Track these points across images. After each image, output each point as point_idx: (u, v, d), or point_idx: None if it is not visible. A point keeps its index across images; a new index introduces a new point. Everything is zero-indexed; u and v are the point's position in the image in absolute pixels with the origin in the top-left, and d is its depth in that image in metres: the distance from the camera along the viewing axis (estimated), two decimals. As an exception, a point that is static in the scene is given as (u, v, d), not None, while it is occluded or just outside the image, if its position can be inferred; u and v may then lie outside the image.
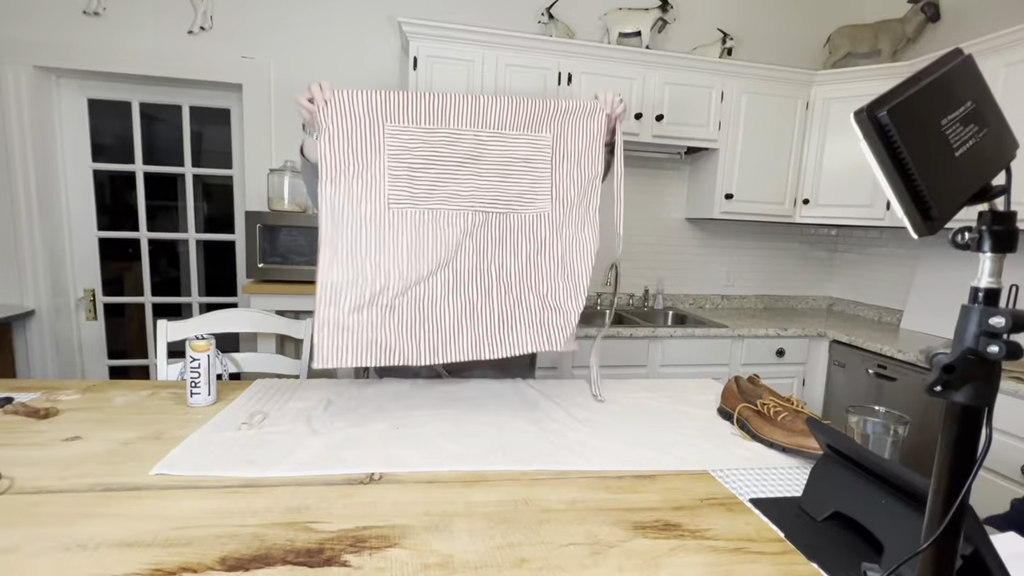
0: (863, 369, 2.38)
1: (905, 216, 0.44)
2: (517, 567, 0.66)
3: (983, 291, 0.43)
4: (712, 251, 3.11)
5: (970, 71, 0.47)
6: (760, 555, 0.71)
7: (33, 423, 1.03)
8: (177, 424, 1.05)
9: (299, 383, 1.33)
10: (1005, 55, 2.06)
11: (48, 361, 2.46)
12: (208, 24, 2.39)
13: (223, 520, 0.73)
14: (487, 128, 1.13)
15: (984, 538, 0.56)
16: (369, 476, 0.87)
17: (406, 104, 1.10)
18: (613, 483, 0.89)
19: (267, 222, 2.24)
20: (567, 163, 1.17)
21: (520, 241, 1.15)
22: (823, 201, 2.72)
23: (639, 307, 3.00)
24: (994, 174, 0.45)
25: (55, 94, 2.41)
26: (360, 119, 1.07)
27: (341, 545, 0.69)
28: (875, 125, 0.42)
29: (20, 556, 0.63)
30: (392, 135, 1.09)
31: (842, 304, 3.20)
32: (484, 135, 1.13)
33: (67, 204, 2.48)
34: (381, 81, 2.59)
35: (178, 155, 2.57)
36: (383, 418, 1.12)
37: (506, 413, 1.18)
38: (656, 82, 2.52)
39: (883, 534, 0.68)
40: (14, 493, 0.77)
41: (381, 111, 1.09)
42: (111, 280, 2.67)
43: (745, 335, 2.50)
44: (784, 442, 1.03)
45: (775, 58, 2.98)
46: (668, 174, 2.97)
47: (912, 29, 2.62)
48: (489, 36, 2.33)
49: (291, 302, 2.27)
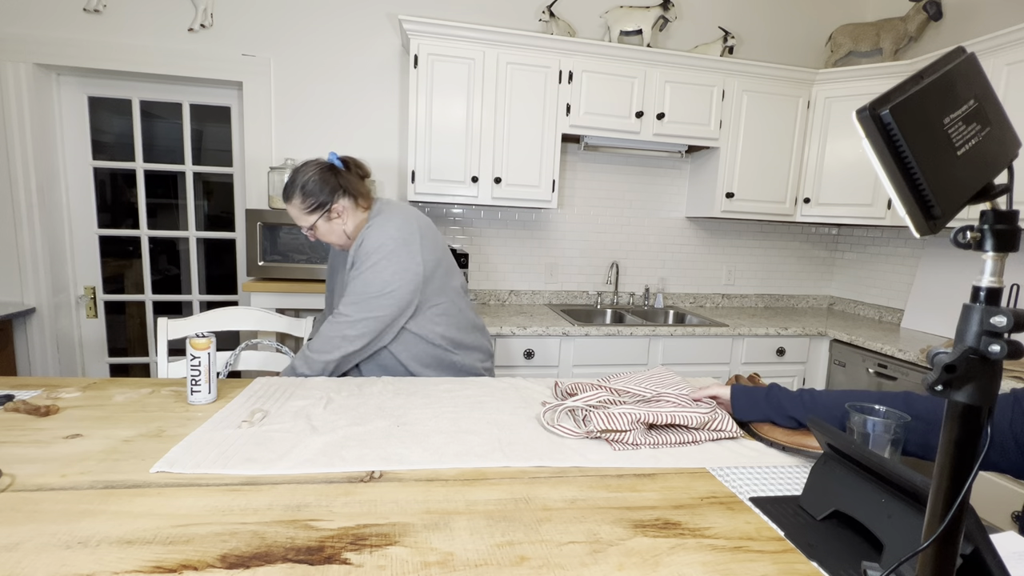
0: (863, 368, 2.38)
1: (907, 215, 0.44)
2: (517, 565, 0.66)
3: (985, 290, 0.43)
4: (713, 250, 3.11)
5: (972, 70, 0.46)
6: (760, 554, 0.71)
7: (34, 421, 1.03)
8: (178, 422, 1.05)
9: (299, 381, 1.33)
10: (1007, 54, 2.05)
11: (49, 359, 2.46)
12: (208, 22, 2.39)
13: (224, 518, 0.73)
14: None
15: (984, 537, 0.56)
16: (369, 474, 0.87)
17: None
18: (613, 481, 0.89)
19: (268, 220, 2.24)
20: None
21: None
22: (824, 200, 2.72)
23: (640, 306, 3.00)
24: (996, 173, 0.45)
25: (55, 92, 2.41)
26: None
27: (341, 543, 0.69)
28: (877, 124, 0.42)
29: (21, 553, 0.63)
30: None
31: (843, 303, 3.20)
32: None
33: (67, 202, 2.49)
34: (381, 79, 2.58)
35: (179, 153, 2.57)
36: (383, 416, 1.12)
37: (506, 411, 1.18)
38: (657, 80, 2.52)
39: (883, 533, 0.68)
40: (15, 490, 0.77)
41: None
42: (111, 278, 2.67)
43: (745, 334, 2.50)
44: (784, 441, 1.03)
45: (776, 57, 2.98)
46: (669, 173, 2.97)
47: (914, 27, 2.61)
48: (490, 34, 2.32)
49: (291, 300, 2.28)
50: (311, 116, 2.55)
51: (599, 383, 1.22)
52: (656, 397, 1.16)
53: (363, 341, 1.39)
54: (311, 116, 2.55)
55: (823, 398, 1.02)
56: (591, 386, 1.22)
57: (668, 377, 1.26)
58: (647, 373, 1.29)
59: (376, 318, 1.38)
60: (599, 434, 1.04)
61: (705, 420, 1.07)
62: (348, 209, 1.43)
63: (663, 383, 1.22)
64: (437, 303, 1.47)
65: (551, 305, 2.89)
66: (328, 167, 1.42)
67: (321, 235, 1.45)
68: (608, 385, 1.20)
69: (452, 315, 1.51)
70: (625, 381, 1.23)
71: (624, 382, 1.22)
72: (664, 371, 1.30)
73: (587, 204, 2.91)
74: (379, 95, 2.60)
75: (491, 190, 2.45)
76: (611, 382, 1.22)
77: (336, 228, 1.44)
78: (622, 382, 1.22)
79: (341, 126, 2.59)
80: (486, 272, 2.84)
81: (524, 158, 2.46)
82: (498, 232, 2.83)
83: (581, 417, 1.11)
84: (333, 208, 1.41)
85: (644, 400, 1.16)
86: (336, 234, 1.45)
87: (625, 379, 1.24)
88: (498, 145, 2.43)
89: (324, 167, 1.42)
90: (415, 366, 1.47)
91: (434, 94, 2.34)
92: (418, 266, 1.41)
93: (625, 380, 1.24)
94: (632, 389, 1.18)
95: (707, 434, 1.07)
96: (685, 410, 1.08)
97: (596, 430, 1.04)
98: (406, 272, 1.39)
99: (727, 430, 1.08)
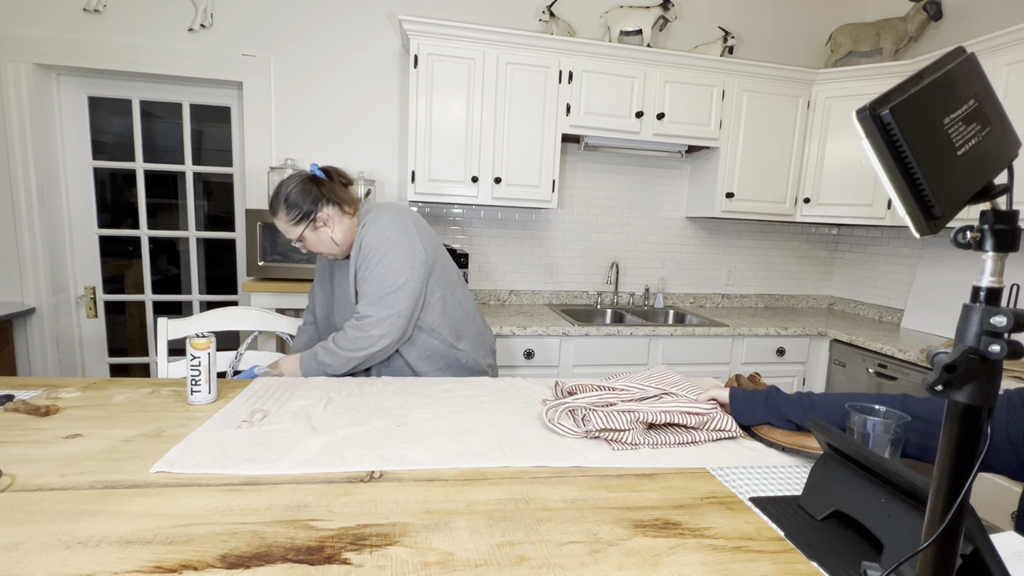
0: (863, 368, 2.38)
1: (907, 215, 0.44)
2: (517, 565, 0.66)
3: (985, 290, 0.43)
4: (713, 250, 3.11)
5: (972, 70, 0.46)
6: (760, 554, 0.71)
7: (34, 421, 1.03)
8: (178, 422, 1.05)
9: (299, 381, 1.33)
10: (1007, 54, 2.05)
11: (49, 359, 2.46)
12: (208, 22, 2.39)
13: (223, 518, 0.73)
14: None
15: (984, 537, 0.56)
16: (369, 474, 0.87)
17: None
18: (613, 481, 0.89)
19: (268, 220, 2.24)
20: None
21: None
22: (824, 200, 2.72)
23: (639, 306, 3.00)
24: (996, 173, 0.45)
25: (55, 92, 2.41)
26: None
27: (341, 543, 0.69)
28: (877, 123, 0.42)
29: (21, 553, 0.63)
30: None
31: (842, 303, 3.20)
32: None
33: (67, 202, 2.48)
34: (381, 79, 2.58)
35: (178, 153, 2.57)
36: (383, 416, 1.12)
37: (506, 411, 1.18)
38: (657, 80, 2.52)
39: (883, 533, 0.68)
40: (15, 490, 0.77)
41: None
42: (112, 278, 2.67)
43: (745, 334, 2.50)
44: (784, 441, 1.03)
45: (776, 57, 2.98)
46: (669, 173, 2.97)
47: (914, 28, 2.61)
48: (490, 34, 2.32)
49: (292, 300, 2.28)
50: (311, 116, 2.55)
51: (600, 384, 1.22)
52: (657, 396, 1.16)
53: (389, 340, 1.40)
54: (311, 116, 2.55)
55: (822, 401, 1.02)
56: (592, 387, 1.22)
57: (669, 375, 1.26)
58: (648, 372, 1.29)
59: (399, 314, 1.39)
60: (598, 433, 1.04)
61: (704, 419, 1.07)
62: (334, 217, 1.44)
63: (663, 381, 1.23)
64: (440, 294, 1.49)
65: (551, 305, 2.89)
66: (310, 178, 1.44)
67: (311, 245, 1.46)
68: (609, 385, 1.20)
69: (453, 306, 1.52)
70: (626, 381, 1.23)
71: (625, 381, 1.22)
72: (665, 370, 1.31)
73: (587, 204, 2.91)
74: (379, 95, 2.60)
75: (491, 190, 2.45)
76: (612, 381, 1.22)
77: (324, 237, 1.44)
78: (623, 382, 1.22)
79: (341, 126, 2.59)
80: (486, 272, 2.84)
81: (524, 158, 2.46)
82: (498, 232, 2.83)
83: (580, 416, 1.11)
84: (318, 217, 1.41)
85: (645, 398, 1.16)
86: (325, 243, 1.45)
87: (626, 379, 1.25)
88: (498, 145, 2.43)
89: (306, 178, 1.43)
90: (420, 364, 1.48)
91: (434, 94, 2.34)
92: (421, 253, 1.43)
93: (626, 380, 1.24)
94: (634, 387, 1.19)
95: (707, 434, 1.07)
96: (685, 407, 1.08)
97: (595, 429, 1.04)
98: (413, 260, 1.41)
99: (727, 429, 1.08)
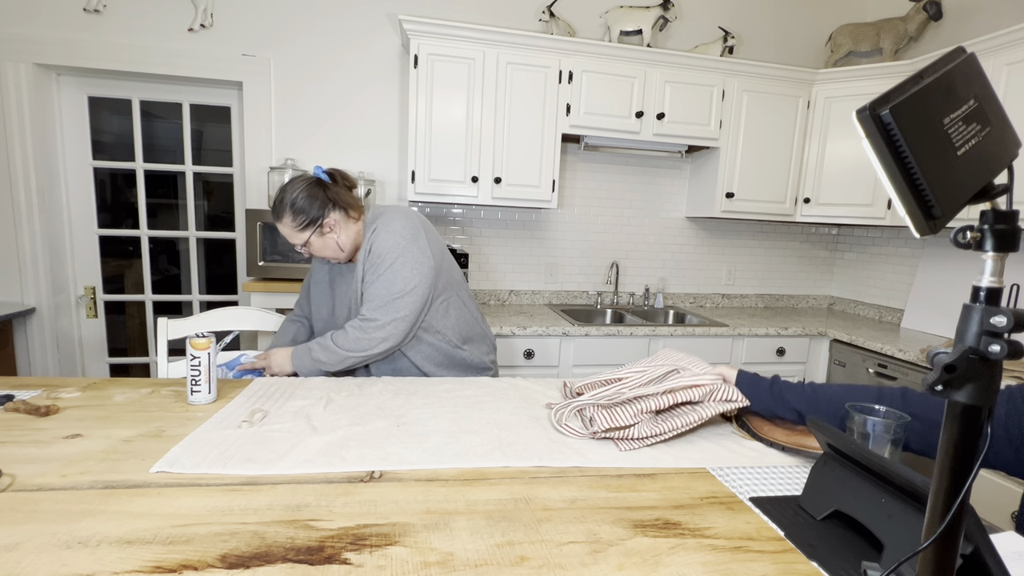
0: (863, 368, 2.38)
1: (907, 215, 0.44)
2: (517, 565, 0.66)
3: (985, 290, 0.43)
4: (713, 250, 3.11)
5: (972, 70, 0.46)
6: (760, 554, 0.71)
7: (34, 421, 1.03)
8: (178, 422, 1.05)
9: (299, 381, 1.33)
10: (1007, 54, 2.05)
11: (49, 359, 2.46)
12: (208, 22, 2.39)
13: (224, 518, 0.73)
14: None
15: (984, 537, 0.56)
16: (369, 474, 0.87)
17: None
18: (613, 481, 0.89)
19: (268, 220, 2.24)
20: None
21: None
22: (824, 200, 2.72)
23: (639, 306, 3.00)
24: (996, 173, 0.45)
25: (55, 91, 2.41)
26: None
27: (341, 543, 0.69)
28: (877, 123, 0.42)
29: (21, 553, 0.63)
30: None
31: (843, 303, 3.20)
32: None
33: (67, 202, 2.48)
34: (381, 79, 2.58)
35: (178, 153, 2.57)
36: (383, 416, 1.12)
37: (506, 411, 1.18)
38: (657, 80, 2.52)
39: (883, 533, 0.68)
40: (15, 490, 0.77)
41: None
42: (112, 278, 2.67)
43: (745, 334, 2.50)
44: (784, 441, 1.03)
45: (776, 57, 2.98)
46: (669, 173, 2.97)
47: (914, 28, 2.61)
48: (490, 34, 2.32)
49: (292, 300, 2.27)
50: (311, 116, 2.55)
51: (608, 379, 1.22)
52: (664, 374, 1.16)
53: (390, 343, 1.40)
54: (311, 116, 2.55)
55: (825, 391, 1.03)
56: (600, 382, 1.22)
57: (674, 355, 1.25)
58: (654, 356, 1.28)
59: (403, 319, 1.39)
60: (604, 434, 1.04)
61: (711, 391, 1.07)
62: (340, 222, 1.42)
63: (669, 359, 1.21)
64: (445, 296, 1.49)
65: (551, 305, 2.89)
66: (315, 182, 1.41)
67: (315, 250, 1.44)
68: (617, 376, 1.19)
69: (458, 307, 1.52)
70: (632, 368, 1.21)
71: (631, 369, 1.20)
72: (670, 351, 1.29)
73: (587, 204, 2.91)
74: (379, 95, 2.60)
75: (491, 190, 2.45)
76: (619, 372, 1.21)
77: (330, 242, 1.42)
78: (629, 369, 1.20)
79: (341, 126, 2.59)
80: (486, 272, 2.84)
81: (524, 158, 2.46)
82: (498, 232, 2.83)
83: (588, 417, 1.11)
84: (325, 223, 1.40)
85: (652, 380, 1.15)
86: (331, 248, 1.43)
87: (632, 366, 1.23)
88: (498, 145, 2.43)
89: (311, 182, 1.40)
90: (427, 365, 1.48)
91: (434, 94, 2.34)
92: (429, 259, 1.42)
93: (632, 367, 1.22)
94: (639, 372, 1.18)
95: (714, 405, 1.06)
96: (690, 380, 1.08)
97: (600, 430, 1.04)
98: (422, 267, 1.41)
99: (734, 399, 1.07)
